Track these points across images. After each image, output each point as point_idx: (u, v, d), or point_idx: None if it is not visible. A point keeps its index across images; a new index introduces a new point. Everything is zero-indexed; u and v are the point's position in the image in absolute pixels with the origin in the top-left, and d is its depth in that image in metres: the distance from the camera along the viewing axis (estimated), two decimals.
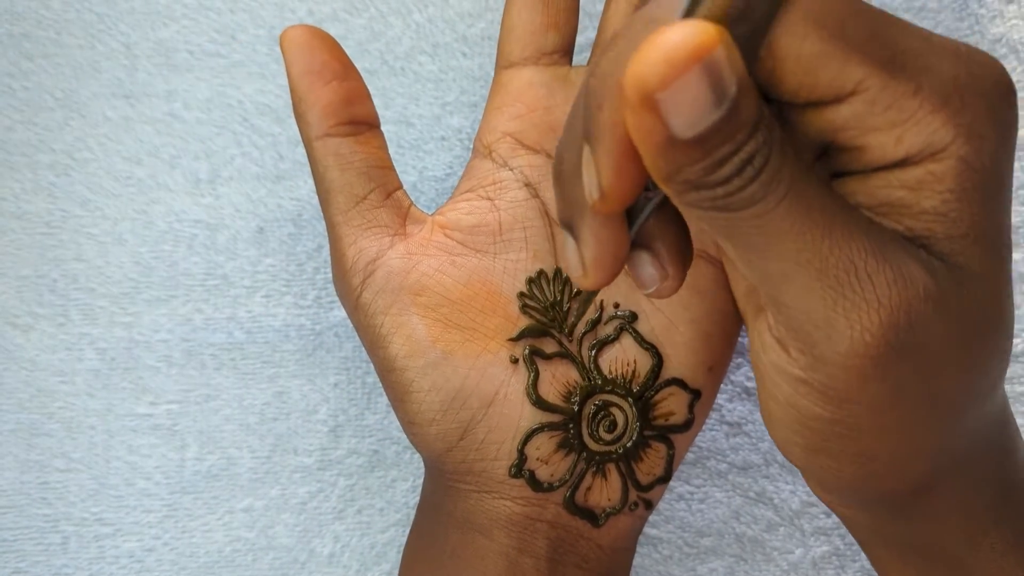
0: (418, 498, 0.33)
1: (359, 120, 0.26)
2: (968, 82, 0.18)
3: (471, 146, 0.33)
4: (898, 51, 0.18)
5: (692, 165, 0.17)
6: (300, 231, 0.33)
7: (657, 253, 0.21)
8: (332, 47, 0.26)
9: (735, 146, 0.17)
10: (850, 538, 0.33)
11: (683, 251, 0.21)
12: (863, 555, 0.33)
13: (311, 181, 0.33)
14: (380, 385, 0.33)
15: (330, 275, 0.33)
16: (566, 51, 0.27)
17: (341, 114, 0.26)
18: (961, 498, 0.22)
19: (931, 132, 0.18)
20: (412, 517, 0.33)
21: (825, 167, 0.20)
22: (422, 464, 0.33)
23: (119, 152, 0.33)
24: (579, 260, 0.21)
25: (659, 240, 0.21)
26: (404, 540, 0.33)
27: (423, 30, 0.33)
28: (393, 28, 0.33)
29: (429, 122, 0.33)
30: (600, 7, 0.32)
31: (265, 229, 0.33)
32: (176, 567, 0.33)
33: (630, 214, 0.21)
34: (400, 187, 0.27)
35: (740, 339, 0.32)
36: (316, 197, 0.33)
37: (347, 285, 0.26)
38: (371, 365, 0.33)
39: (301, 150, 0.33)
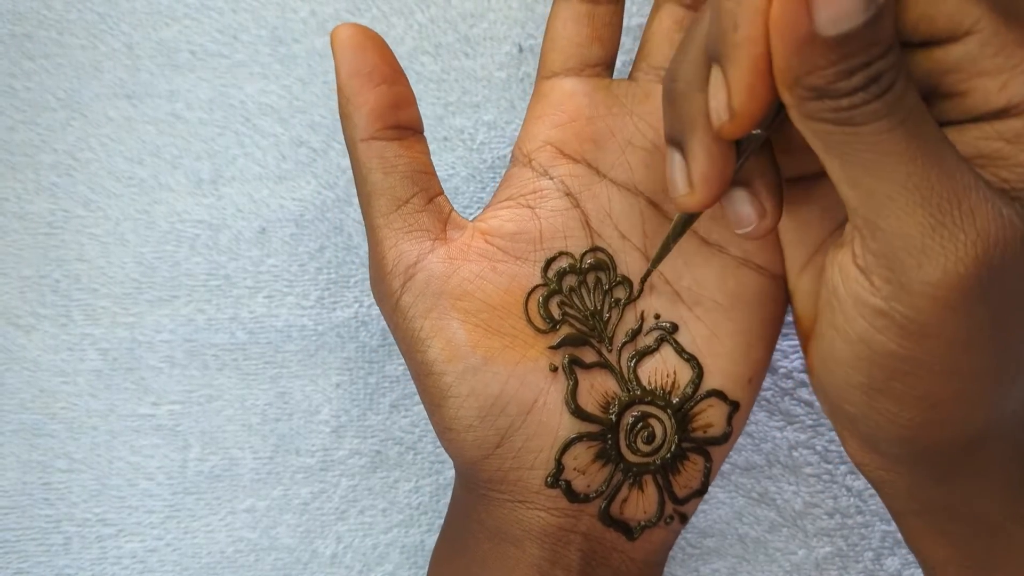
0: (420, 498, 0.33)
1: (405, 125, 0.26)
2: None
3: (473, 146, 0.33)
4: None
5: (824, 68, 0.17)
6: (302, 231, 0.33)
7: (756, 191, 0.22)
8: (383, 49, 0.25)
9: (868, 58, 0.17)
10: (853, 539, 0.33)
11: (780, 193, 0.22)
12: (865, 556, 0.33)
13: (313, 181, 0.33)
14: (382, 386, 0.33)
15: (332, 276, 0.33)
16: (608, 64, 0.27)
17: (388, 118, 0.25)
18: (1006, 460, 0.22)
19: None
20: (414, 518, 0.33)
21: None
22: (424, 465, 0.33)
23: (121, 152, 0.33)
24: (686, 177, 0.22)
25: (759, 179, 0.22)
26: (407, 541, 0.33)
27: (425, 30, 0.33)
28: (395, 28, 0.33)
29: (431, 122, 0.33)
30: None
31: (267, 229, 0.33)
32: (178, 568, 0.33)
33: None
34: (441, 193, 0.27)
35: None
36: (318, 197, 0.33)
37: (387, 288, 0.26)
38: (373, 365, 0.33)
39: (303, 150, 0.33)
